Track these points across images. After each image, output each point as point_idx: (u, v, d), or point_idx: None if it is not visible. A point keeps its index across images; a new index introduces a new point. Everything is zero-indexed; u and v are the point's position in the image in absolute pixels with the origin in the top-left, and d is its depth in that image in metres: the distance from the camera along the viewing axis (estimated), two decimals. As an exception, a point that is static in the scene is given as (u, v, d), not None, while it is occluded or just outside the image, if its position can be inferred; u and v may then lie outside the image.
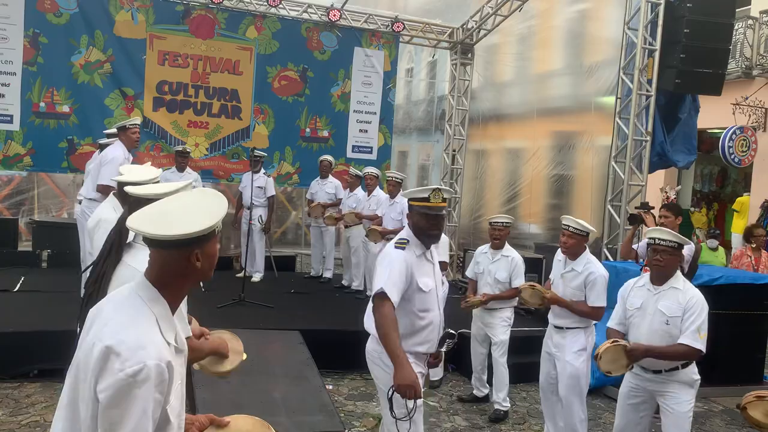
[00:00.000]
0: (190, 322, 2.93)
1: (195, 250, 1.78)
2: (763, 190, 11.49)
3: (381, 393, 3.42)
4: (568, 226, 4.54)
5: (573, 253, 4.60)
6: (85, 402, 1.69)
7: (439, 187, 3.43)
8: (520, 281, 5.53)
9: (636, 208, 6.56)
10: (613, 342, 3.76)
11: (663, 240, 3.78)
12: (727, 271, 6.77)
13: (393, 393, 3.09)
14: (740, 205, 11.84)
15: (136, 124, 6.72)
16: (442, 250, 6.22)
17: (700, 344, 3.67)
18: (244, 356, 2.76)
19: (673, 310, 3.74)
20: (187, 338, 2.13)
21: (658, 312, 3.77)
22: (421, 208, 3.40)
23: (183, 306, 2.71)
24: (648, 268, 4.03)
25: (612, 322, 4.05)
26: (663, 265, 3.79)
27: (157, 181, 3.42)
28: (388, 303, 3.18)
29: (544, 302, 4.70)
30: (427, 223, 3.41)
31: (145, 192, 2.61)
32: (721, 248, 8.90)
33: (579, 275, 4.53)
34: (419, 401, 3.18)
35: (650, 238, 3.88)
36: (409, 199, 3.48)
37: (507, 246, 5.78)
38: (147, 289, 1.79)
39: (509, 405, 5.67)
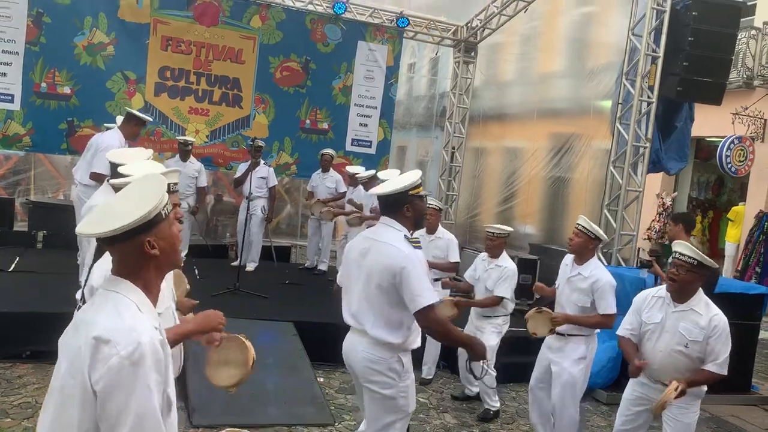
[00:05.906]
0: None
1: (146, 238, 1.73)
2: (758, 200, 11.54)
3: (377, 399, 3.32)
4: (579, 224, 4.56)
5: (578, 253, 4.54)
6: (77, 404, 1.59)
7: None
8: (500, 291, 5.48)
9: (649, 253, 6.59)
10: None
11: (683, 255, 3.65)
12: (720, 280, 6.80)
13: (470, 363, 3.65)
14: (735, 214, 11.92)
15: (142, 120, 6.73)
16: (452, 251, 6.19)
17: (725, 370, 3.65)
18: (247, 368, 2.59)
19: (694, 334, 3.64)
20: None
21: (678, 333, 3.67)
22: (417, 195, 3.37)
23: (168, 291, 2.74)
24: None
25: (624, 330, 3.94)
26: (677, 280, 3.67)
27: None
28: (436, 308, 3.29)
29: (554, 327, 4.46)
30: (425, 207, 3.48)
31: (125, 181, 2.64)
32: None
33: (585, 280, 4.47)
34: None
35: (673, 252, 3.73)
36: (406, 191, 3.32)
37: (504, 255, 5.63)
38: (118, 283, 1.75)
39: (499, 404, 5.69)
